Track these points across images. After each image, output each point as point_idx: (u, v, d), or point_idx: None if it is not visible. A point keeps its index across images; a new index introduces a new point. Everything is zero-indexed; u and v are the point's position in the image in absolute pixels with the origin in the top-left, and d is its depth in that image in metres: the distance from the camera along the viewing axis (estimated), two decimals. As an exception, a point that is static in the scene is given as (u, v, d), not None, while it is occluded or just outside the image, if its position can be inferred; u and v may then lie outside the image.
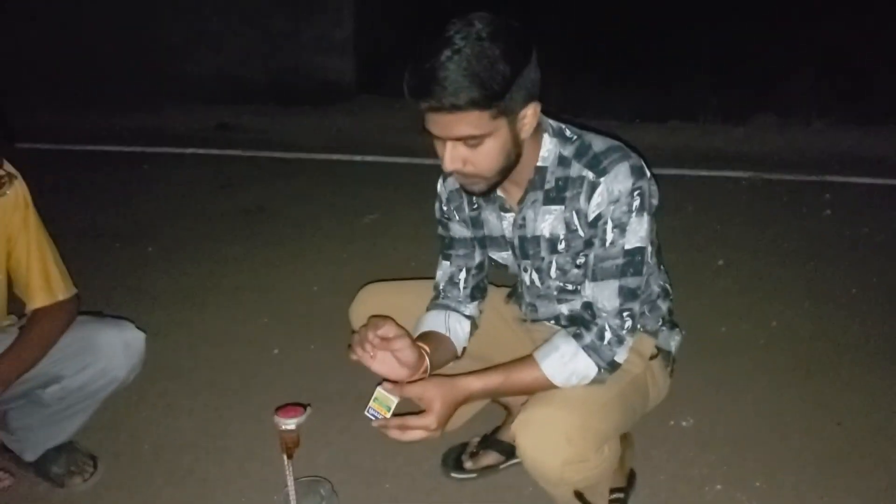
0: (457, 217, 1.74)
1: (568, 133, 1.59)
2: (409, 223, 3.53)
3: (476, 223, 1.73)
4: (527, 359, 1.57)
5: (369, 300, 1.89)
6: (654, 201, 1.57)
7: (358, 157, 4.75)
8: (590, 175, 1.53)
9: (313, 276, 3.18)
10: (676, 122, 5.33)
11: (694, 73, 5.41)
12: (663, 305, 1.76)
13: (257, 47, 6.25)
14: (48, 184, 4.25)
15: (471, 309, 1.77)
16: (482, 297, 1.80)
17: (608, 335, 1.55)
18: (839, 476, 1.96)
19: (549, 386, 1.56)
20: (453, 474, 1.98)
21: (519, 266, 1.72)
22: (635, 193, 1.50)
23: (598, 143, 1.56)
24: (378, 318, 1.54)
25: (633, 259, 1.53)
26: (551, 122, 1.60)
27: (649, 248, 1.56)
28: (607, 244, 1.53)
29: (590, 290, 1.56)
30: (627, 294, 1.54)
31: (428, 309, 1.78)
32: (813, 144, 4.77)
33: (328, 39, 6.09)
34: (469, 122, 1.41)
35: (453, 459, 2.00)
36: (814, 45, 5.08)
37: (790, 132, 5.01)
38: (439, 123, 1.43)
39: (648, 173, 1.54)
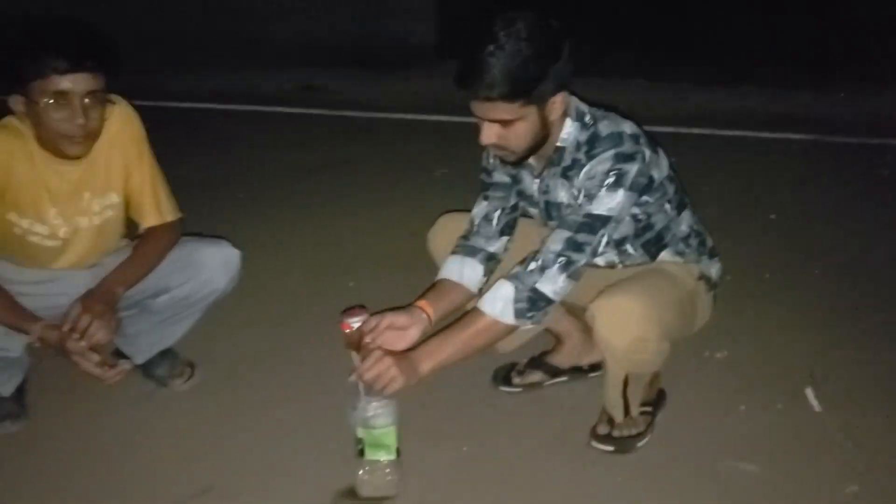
0: (500, 168, 1.99)
1: (587, 119, 1.83)
2: (476, 177, 3.75)
3: (514, 178, 1.99)
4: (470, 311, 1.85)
5: (447, 225, 2.14)
6: (643, 179, 1.78)
7: (432, 117, 5.00)
8: (583, 158, 1.80)
9: (387, 220, 3.45)
10: (747, 87, 5.38)
11: (760, 38, 5.44)
12: (694, 241, 1.99)
13: (343, 12, 6.53)
14: (150, 140, 4.67)
15: (497, 245, 2.01)
16: (510, 233, 2.03)
17: (534, 265, 1.78)
18: (862, 403, 2.12)
19: (491, 324, 1.79)
20: (501, 387, 2.23)
21: (545, 224, 1.96)
22: (611, 173, 1.75)
23: (604, 132, 1.80)
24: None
25: (591, 222, 1.76)
26: (579, 104, 1.84)
27: (613, 221, 1.77)
28: (577, 206, 1.79)
29: (548, 235, 1.82)
30: (572, 245, 1.77)
31: (452, 252, 2.02)
32: (881, 110, 4.77)
33: (410, 5, 6.33)
34: (502, 109, 1.71)
35: (502, 376, 2.25)
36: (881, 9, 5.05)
37: (855, 97, 5.01)
38: (478, 108, 1.73)
39: (641, 156, 1.77)
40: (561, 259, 1.77)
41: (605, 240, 1.78)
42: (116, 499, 1.86)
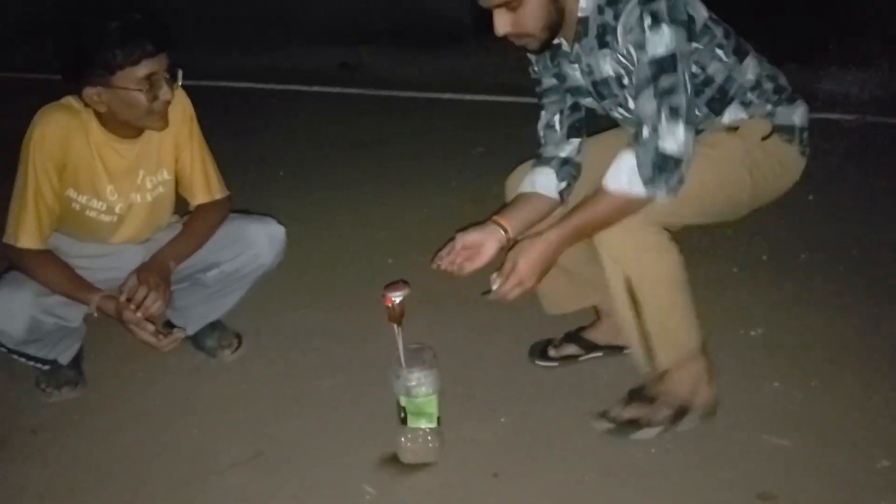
0: (546, 73, 1.96)
1: None
2: (514, 156, 3.78)
3: (560, 77, 1.94)
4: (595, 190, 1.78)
5: (520, 168, 2.12)
6: (680, 15, 1.66)
7: (469, 96, 5.02)
8: (611, 21, 1.72)
9: (425, 199, 3.50)
10: (793, 66, 5.32)
11: (802, 14, 5.38)
12: (767, 86, 1.88)
13: (378, -10, 6.56)
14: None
15: (568, 150, 1.97)
16: (578, 135, 1.98)
17: (644, 132, 1.68)
18: (890, 383, 2.14)
19: (620, 199, 1.71)
20: (538, 361, 2.28)
21: (605, 108, 1.92)
22: (644, 15, 1.64)
23: None
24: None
25: (660, 66, 1.65)
26: None
27: (680, 57, 1.65)
28: (636, 64, 1.70)
29: (634, 107, 1.73)
30: (661, 93, 1.65)
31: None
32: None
33: (446, -18, 6.33)
34: None
35: (539, 350, 2.30)
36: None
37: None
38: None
39: None
40: (663, 111, 1.65)
41: (688, 76, 1.66)
42: (170, 463, 1.95)
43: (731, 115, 1.87)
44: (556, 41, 1.84)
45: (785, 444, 1.93)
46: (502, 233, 1.91)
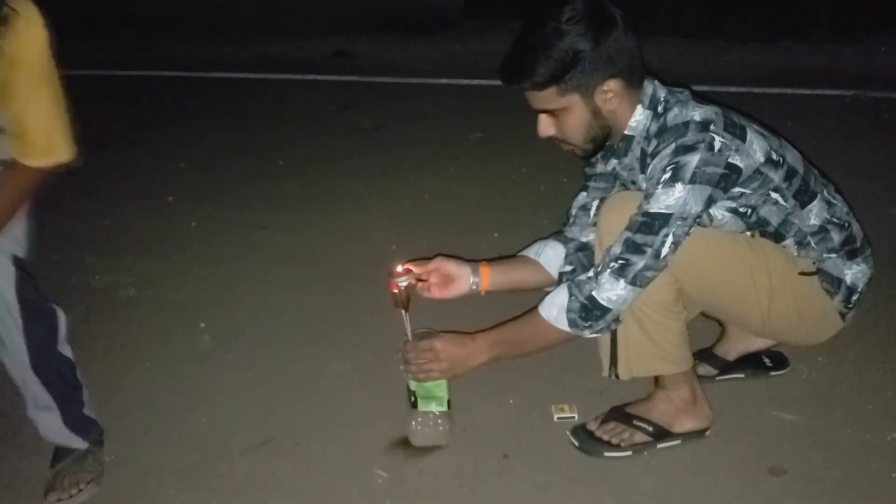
0: (602, 161, 1.89)
1: (660, 108, 1.70)
2: (510, 141, 3.80)
3: (614, 173, 1.88)
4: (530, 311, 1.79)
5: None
6: (714, 170, 1.61)
7: (465, 81, 5.01)
8: (649, 154, 1.69)
9: (425, 186, 3.49)
10: (787, 42, 5.32)
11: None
12: (835, 234, 1.79)
13: (371, -23, 6.54)
14: (187, 107, 4.76)
15: (592, 238, 1.89)
16: None
17: (592, 270, 1.69)
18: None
19: (548, 328, 1.73)
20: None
21: None
22: (668, 168, 1.61)
23: (671, 122, 1.66)
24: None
25: (650, 221, 1.62)
26: (658, 90, 1.72)
27: (676, 218, 1.60)
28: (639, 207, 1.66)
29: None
30: (631, 247, 1.63)
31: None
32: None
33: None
34: (540, 98, 1.67)
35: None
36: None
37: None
38: (527, 98, 1.70)
39: (707, 145, 1.60)
40: (617, 263, 1.64)
41: (669, 240, 1.62)
42: (179, 451, 1.95)
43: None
44: (609, 144, 1.79)
45: (794, 420, 1.93)
46: (477, 282, 1.94)
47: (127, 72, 5.72)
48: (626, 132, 1.74)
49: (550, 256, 1.97)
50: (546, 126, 1.73)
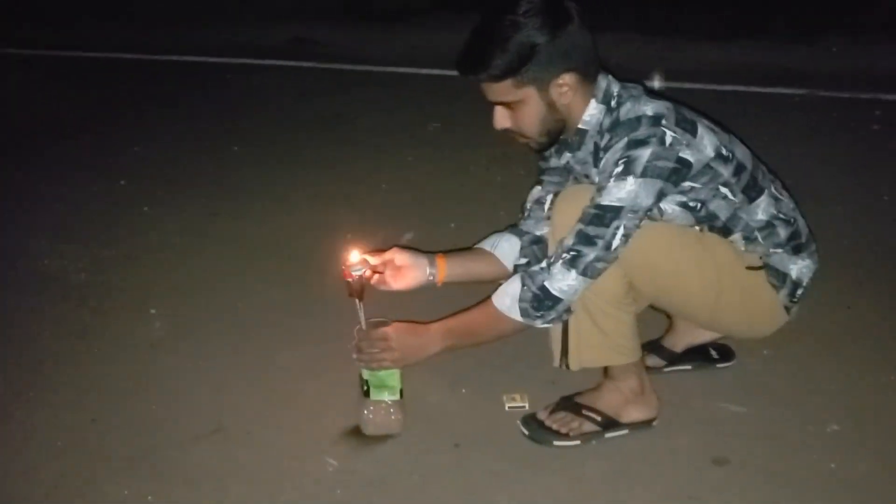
0: (555, 156, 1.92)
1: (613, 103, 1.73)
2: (468, 132, 3.80)
3: (567, 167, 1.91)
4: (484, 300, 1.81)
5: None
6: (664, 164, 1.64)
7: (424, 71, 5.01)
8: (602, 148, 1.72)
9: (382, 175, 3.49)
10: (740, 42, 5.41)
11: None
12: (782, 229, 1.83)
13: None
14: (143, 92, 4.69)
15: (546, 231, 1.90)
16: None
17: (545, 261, 1.72)
18: (843, 351, 2.21)
19: (501, 318, 1.75)
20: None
21: None
22: (620, 161, 1.64)
23: (624, 116, 1.69)
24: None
25: (601, 213, 1.65)
26: (611, 85, 1.74)
27: (627, 211, 1.63)
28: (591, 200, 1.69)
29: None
30: (582, 238, 1.66)
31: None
32: (874, 64, 4.82)
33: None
34: (495, 90, 1.71)
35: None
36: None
37: (852, 52, 5.07)
38: (482, 90, 1.71)
39: (658, 139, 1.64)
40: (569, 254, 1.67)
41: (620, 232, 1.65)
42: (129, 437, 1.92)
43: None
44: (563, 137, 1.81)
45: (738, 411, 1.98)
46: (433, 273, 1.94)
47: (79, 53, 5.60)
48: (579, 126, 1.77)
49: (506, 249, 1.99)
50: (502, 118, 1.76)
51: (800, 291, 1.88)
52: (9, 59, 5.41)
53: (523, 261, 1.97)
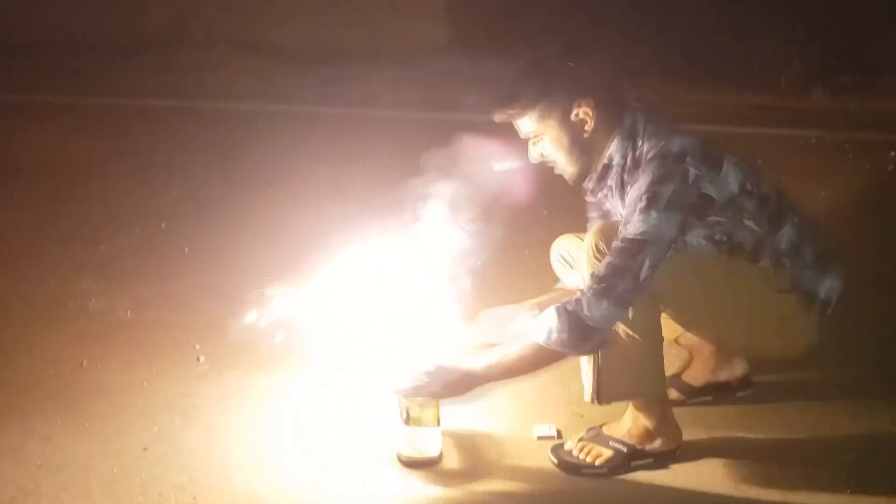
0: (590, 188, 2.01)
1: (637, 139, 1.84)
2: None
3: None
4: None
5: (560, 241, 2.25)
6: (688, 199, 1.74)
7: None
8: (628, 181, 1.84)
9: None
10: (758, 84, 5.51)
11: (777, 34, 5.57)
12: (808, 253, 1.88)
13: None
14: (178, 137, 4.79)
15: None
16: None
17: (579, 293, 1.78)
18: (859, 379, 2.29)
19: (536, 349, 1.81)
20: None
21: None
22: (643, 196, 1.74)
23: (649, 152, 1.79)
24: None
25: (627, 247, 1.74)
26: (637, 119, 1.86)
27: (652, 244, 1.72)
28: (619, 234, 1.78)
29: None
30: (612, 270, 1.74)
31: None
32: (889, 105, 4.91)
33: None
34: (524, 124, 1.88)
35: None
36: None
37: (868, 94, 5.16)
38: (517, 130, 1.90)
39: (681, 176, 1.73)
40: (600, 286, 1.74)
41: (647, 263, 1.72)
42: (183, 466, 2.02)
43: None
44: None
45: (761, 439, 2.07)
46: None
47: (118, 100, 5.78)
48: (604, 161, 1.89)
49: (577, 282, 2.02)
50: (533, 152, 1.91)
51: (829, 311, 1.92)
52: (53, 107, 5.58)
53: None
